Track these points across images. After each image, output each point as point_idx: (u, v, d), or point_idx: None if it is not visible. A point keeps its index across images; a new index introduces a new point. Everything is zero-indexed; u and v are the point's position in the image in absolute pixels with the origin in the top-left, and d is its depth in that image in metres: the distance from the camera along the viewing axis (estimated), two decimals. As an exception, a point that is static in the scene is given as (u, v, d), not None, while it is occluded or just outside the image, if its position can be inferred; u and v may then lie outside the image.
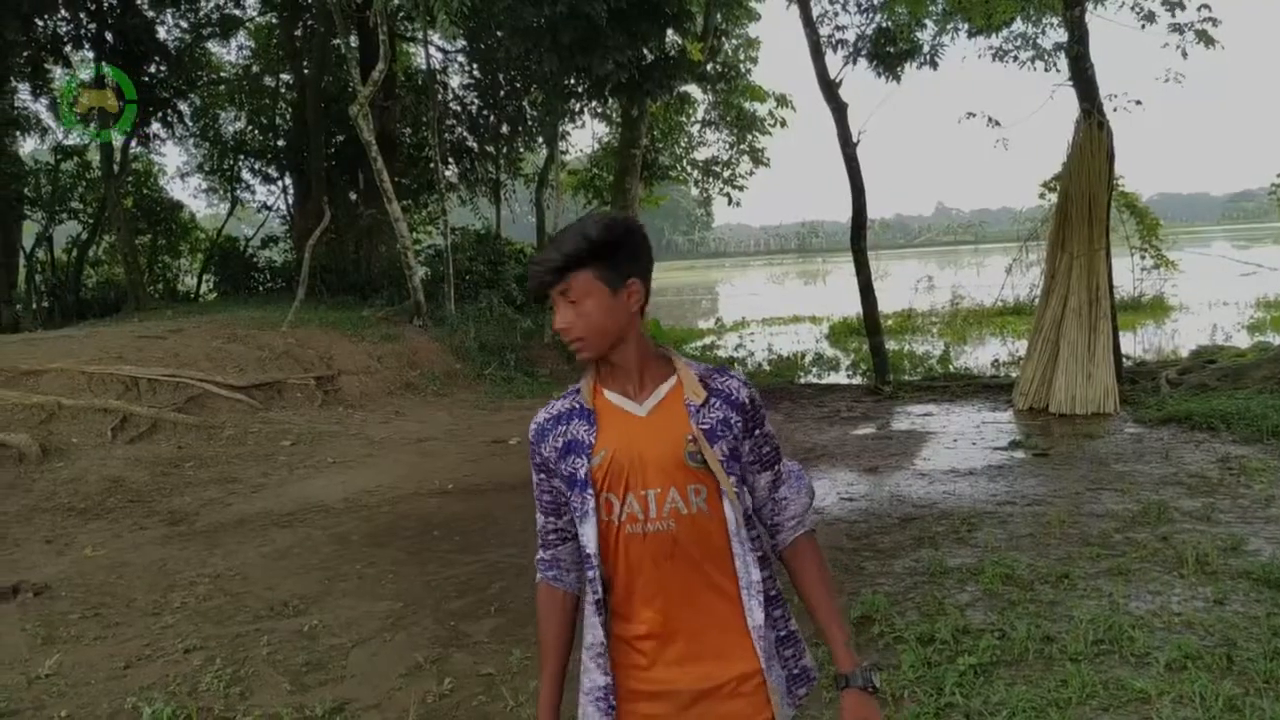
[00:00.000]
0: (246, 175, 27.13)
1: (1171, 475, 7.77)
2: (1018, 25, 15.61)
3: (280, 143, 25.96)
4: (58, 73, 23.95)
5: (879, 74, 16.61)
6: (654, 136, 24.70)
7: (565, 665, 2.17)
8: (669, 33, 18.31)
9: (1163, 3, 11.94)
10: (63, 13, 20.81)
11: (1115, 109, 12.06)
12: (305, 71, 23.45)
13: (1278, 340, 16.02)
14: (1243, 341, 16.37)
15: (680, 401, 2.02)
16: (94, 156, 24.66)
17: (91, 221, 25.63)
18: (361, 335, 15.14)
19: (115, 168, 22.29)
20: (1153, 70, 12.42)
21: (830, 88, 13.92)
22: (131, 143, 24.30)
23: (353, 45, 19.07)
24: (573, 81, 18.08)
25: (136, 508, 8.45)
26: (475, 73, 23.98)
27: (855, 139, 13.82)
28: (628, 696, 2.05)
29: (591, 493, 2.01)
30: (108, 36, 21.10)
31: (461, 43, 23.11)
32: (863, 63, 16.35)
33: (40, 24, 20.56)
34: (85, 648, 5.17)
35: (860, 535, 6.63)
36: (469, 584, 6.02)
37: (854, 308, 17.09)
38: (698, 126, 26.61)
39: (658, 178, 26.00)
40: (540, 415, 2.12)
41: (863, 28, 16.24)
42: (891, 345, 16.69)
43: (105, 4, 21.07)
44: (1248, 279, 24.49)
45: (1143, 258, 24.99)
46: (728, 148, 26.71)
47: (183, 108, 24.83)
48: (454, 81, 25.31)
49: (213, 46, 25.98)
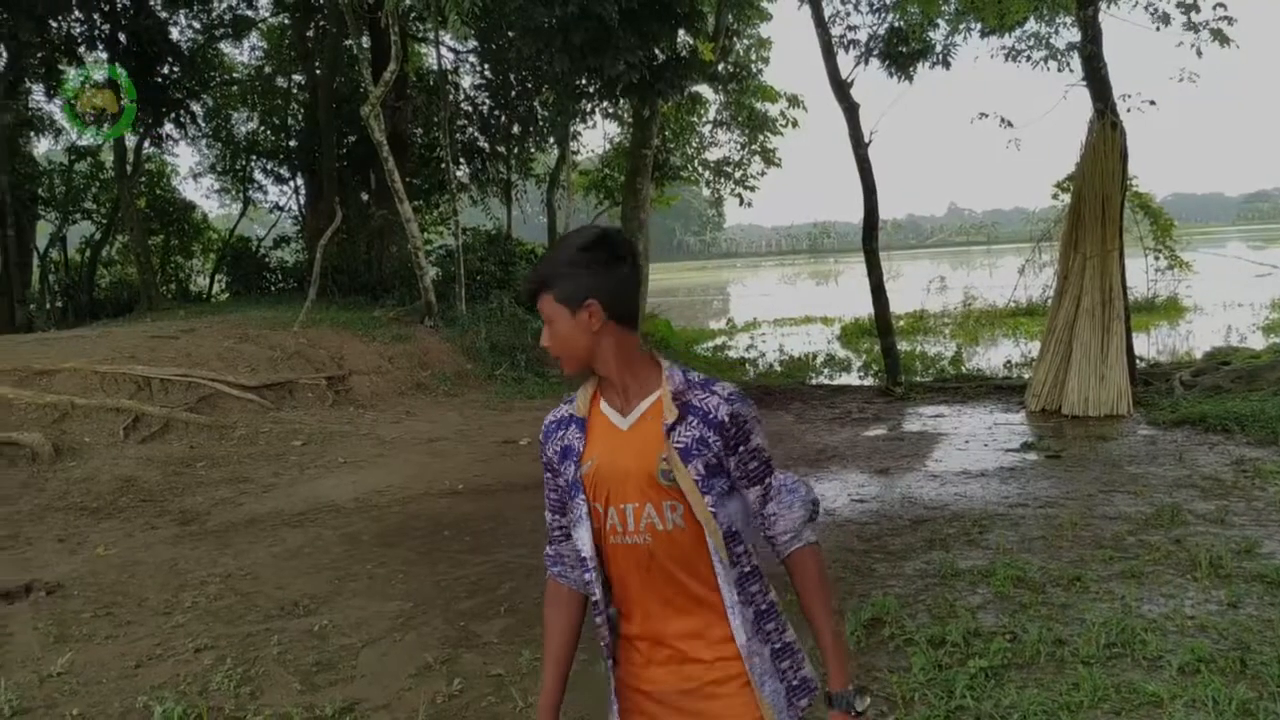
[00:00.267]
0: (259, 176, 27.20)
1: (1185, 478, 7.73)
2: (1031, 25, 15.53)
3: (292, 143, 26.02)
4: (71, 74, 24.08)
5: (891, 74, 16.58)
6: (665, 137, 24.67)
7: (568, 663, 2.19)
8: (680, 33, 18.27)
9: (1177, 5, 11.89)
10: (77, 14, 20.90)
11: (1129, 109, 12.03)
12: (317, 72, 23.50)
13: (1292, 342, 15.92)
14: (1258, 343, 16.28)
15: (660, 417, 2.02)
16: (107, 157, 24.77)
17: (105, 222, 25.75)
18: (373, 335, 15.17)
19: (128, 168, 22.41)
20: (1167, 70, 12.36)
21: (842, 88, 13.89)
22: (144, 143, 24.43)
23: (364, 46, 19.11)
24: (584, 82, 18.06)
25: (148, 507, 8.48)
26: (487, 73, 24.00)
27: (867, 139, 13.79)
28: (631, 693, 2.10)
29: (583, 499, 2.06)
30: (121, 37, 21.19)
31: (473, 43, 23.16)
32: (875, 63, 16.33)
33: (54, 25, 20.64)
34: (97, 646, 5.18)
35: (871, 537, 6.61)
36: (479, 584, 6.02)
37: (866, 308, 17.05)
38: (709, 127, 26.60)
39: (669, 178, 25.97)
40: (549, 416, 2.17)
41: (875, 27, 16.22)
42: (903, 346, 16.65)
43: (119, 5, 21.16)
44: (1263, 280, 24.33)
45: (1157, 259, 24.89)
46: (739, 148, 26.68)
47: (195, 108, 24.90)
48: (465, 82, 25.39)
49: (225, 47, 26.12)
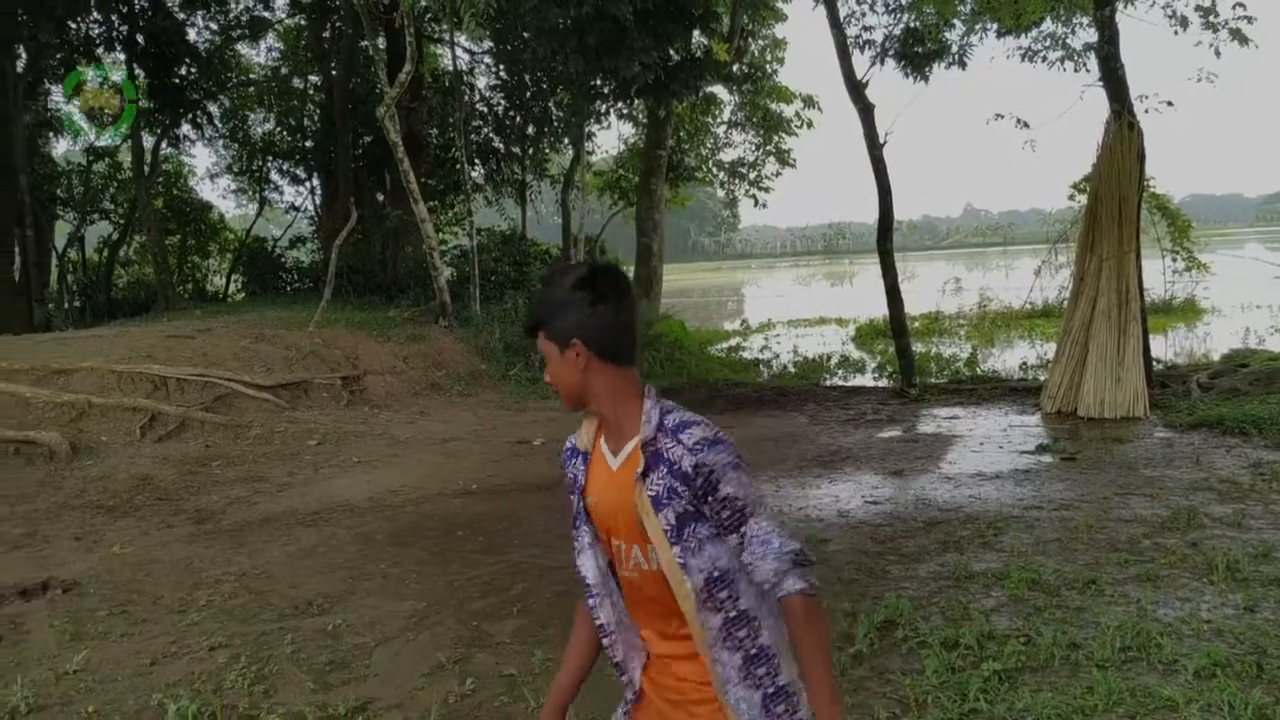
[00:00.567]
0: (275, 176, 27.34)
1: (1202, 480, 7.68)
2: (1047, 25, 15.46)
3: (308, 144, 26.13)
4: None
5: (906, 74, 16.53)
6: (680, 138, 24.68)
7: (581, 672, 2.26)
8: (695, 33, 18.28)
9: (1196, 8, 11.82)
10: (95, 15, 21.06)
11: (1146, 110, 11.96)
12: (333, 73, 23.61)
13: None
14: (1276, 345, 16.15)
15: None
16: (125, 158, 24.93)
17: (122, 222, 25.91)
18: (387, 335, 15.22)
19: (146, 169, 22.54)
20: (1185, 70, 12.29)
21: (857, 88, 13.85)
22: (162, 144, 24.58)
23: (380, 47, 19.17)
24: (599, 82, 18.08)
25: (164, 506, 8.52)
26: (502, 74, 24.05)
27: (882, 140, 13.74)
28: (653, 700, 2.16)
29: (588, 529, 2.12)
30: (139, 39, 21.35)
31: (488, 44, 23.18)
32: (890, 63, 16.28)
33: (73, 26, 20.80)
34: (112, 644, 5.21)
35: (885, 539, 6.59)
36: (492, 584, 6.02)
37: (881, 310, 17.00)
38: (724, 128, 26.61)
39: (683, 179, 25.98)
40: (566, 442, 2.21)
41: (890, 28, 16.18)
42: (918, 347, 16.58)
43: (137, 6, 21.31)
44: (1282, 281, 24.19)
45: (1174, 260, 24.75)
46: (754, 149, 26.68)
47: (212, 109, 25.08)
48: (480, 83, 25.45)
49: (242, 48, 26.27)
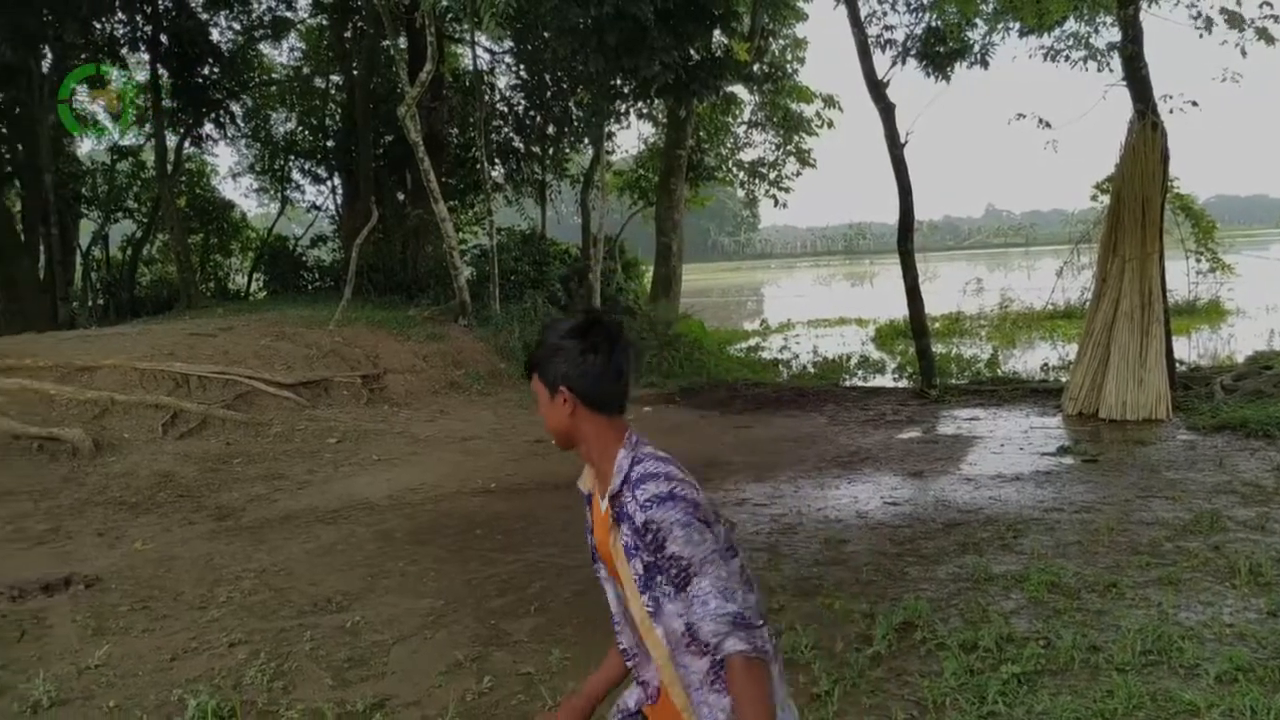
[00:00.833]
0: (296, 175, 27.47)
1: (1225, 483, 7.62)
2: (1070, 24, 15.35)
3: (329, 143, 26.25)
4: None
5: (928, 74, 16.47)
6: (700, 137, 24.66)
7: (611, 680, 2.37)
8: (716, 33, 18.27)
9: (1221, 10, 11.71)
10: (120, 16, 21.21)
11: (1170, 110, 11.89)
12: (354, 73, 23.69)
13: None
14: (1301, 347, 16.00)
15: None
16: (149, 157, 25.08)
17: (146, 220, 26.07)
18: (407, 334, 15.26)
19: (169, 168, 22.68)
20: (1210, 69, 12.20)
21: (878, 88, 13.81)
22: (185, 143, 24.74)
23: (401, 47, 19.22)
24: (619, 82, 18.08)
25: (185, 502, 8.58)
26: (522, 73, 24.07)
27: (903, 139, 13.70)
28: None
29: (600, 564, 2.24)
30: (163, 39, 21.48)
31: (508, 44, 23.22)
32: (911, 62, 16.21)
33: (98, 27, 20.95)
34: (134, 639, 5.25)
35: (904, 540, 6.57)
36: (510, 583, 6.04)
37: (901, 310, 16.94)
38: (744, 127, 26.57)
39: (703, 179, 25.96)
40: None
41: (911, 27, 16.12)
42: (939, 348, 16.53)
43: (160, 7, 21.44)
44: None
45: (1198, 261, 24.59)
46: (774, 149, 26.64)
47: (235, 109, 25.20)
48: (501, 82, 25.46)
49: (265, 48, 26.36)
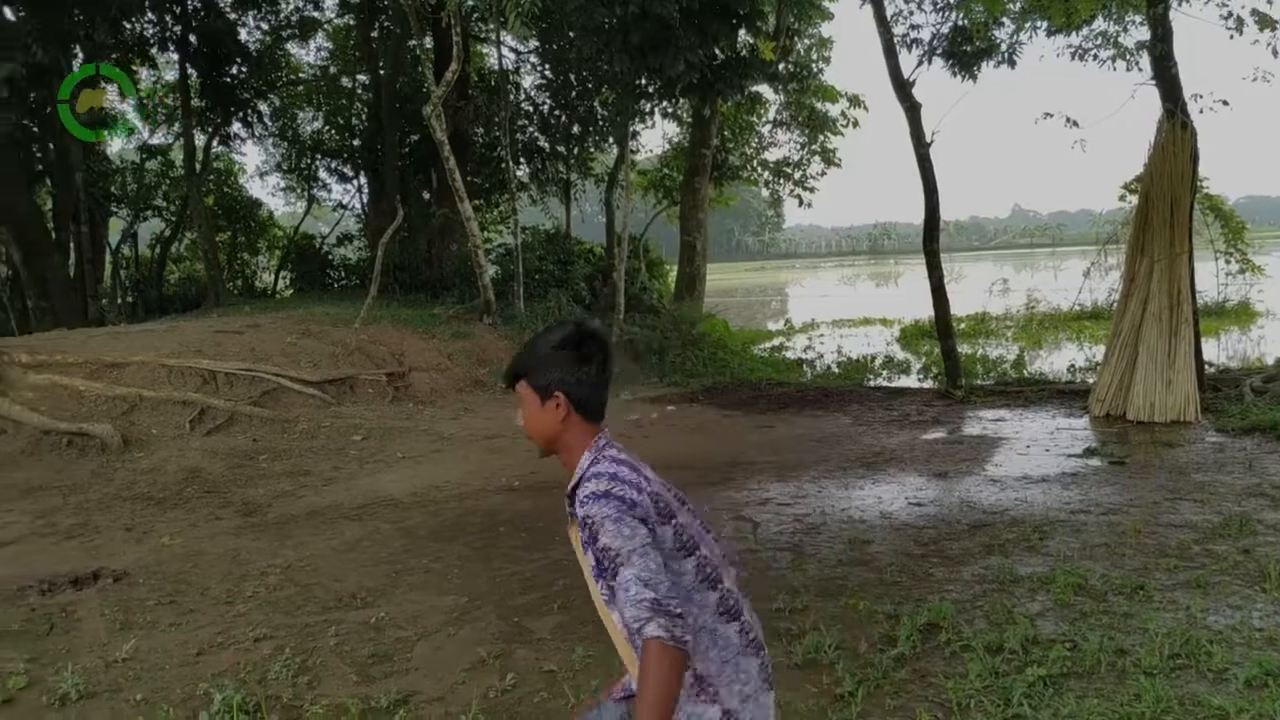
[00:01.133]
0: (323, 174, 27.67)
1: (1254, 486, 7.54)
2: (1099, 23, 15.25)
3: (356, 142, 26.41)
4: (144, 74, 24.65)
5: (954, 73, 16.38)
6: (724, 137, 24.64)
7: None
8: (741, 32, 18.22)
9: (1253, 13, 11.59)
10: (149, 16, 21.40)
11: (1200, 109, 11.79)
12: (381, 72, 23.83)
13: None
14: (1332, 349, 15.82)
15: None
16: (177, 156, 25.32)
17: (174, 219, 26.31)
18: (432, 333, 15.33)
19: (197, 166, 22.86)
20: (1241, 68, 12.08)
21: (903, 87, 13.74)
22: (213, 142, 24.95)
23: (427, 46, 19.30)
24: (644, 81, 18.09)
25: (212, 498, 8.65)
26: (547, 73, 24.13)
27: (929, 139, 13.63)
28: None
29: None
30: (192, 39, 21.67)
31: (533, 43, 23.27)
32: (937, 62, 16.13)
33: (128, 27, 21.15)
34: (161, 634, 5.30)
35: (928, 541, 6.53)
36: (533, 581, 6.05)
37: (926, 310, 16.85)
38: (769, 127, 26.54)
39: (728, 178, 25.95)
40: None
41: (938, 26, 16.05)
42: (964, 349, 16.43)
43: (189, 7, 21.62)
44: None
45: (1227, 262, 24.35)
46: (799, 148, 26.58)
47: (262, 108, 25.40)
48: (526, 82, 25.56)
49: (292, 48, 26.59)
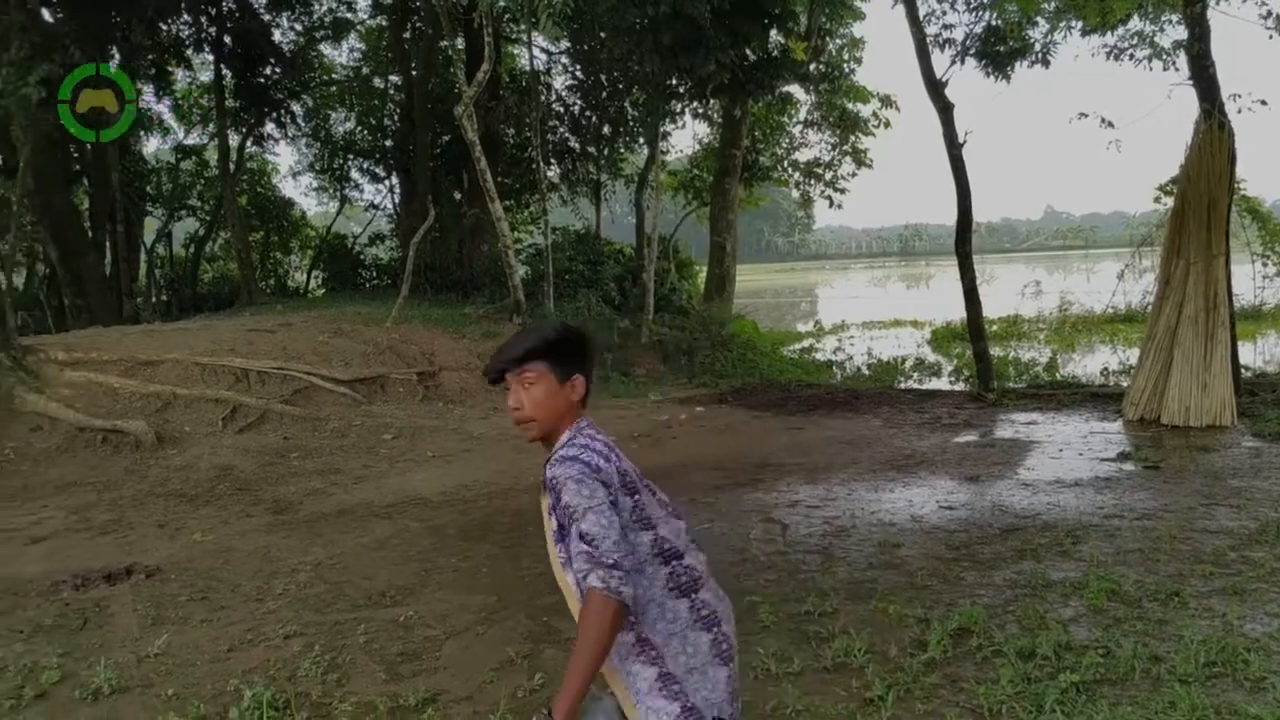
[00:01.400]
0: (355, 174, 27.83)
1: (1293, 492, 7.42)
2: (1134, 23, 15.07)
3: (388, 143, 26.56)
4: (179, 75, 24.90)
5: (988, 73, 16.25)
6: (755, 137, 24.57)
7: None
8: (772, 32, 18.17)
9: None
10: (185, 17, 21.63)
11: (1239, 109, 11.64)
12: (413, 73, 23.94)
13: None
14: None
15: None
16: (212, 156, 25.55)
17: (208, 218, 26.56)
18: (463, 332, 15.38)
19: (231, 166, 23.06)
20: (1280, 68, 11.90)
21: (936, 87, 13.65)
22: (247, 142, 25.17)
23: (459, 47, 19.36)
24: (674, 82, 18.07)
25: (244, 495, 8.72)
26: (578, 74, 24.18)
27: (962, 140, 13.53)
28: None
29: None
30: (226, 40, 21.87)
31: (565, 44, 23.34)
32: (970, 62, 16.01)
33: (164, 28, 21.38)
34: (192, 630, 5.34)
35: (959, 545, 6.48)
36: (561, 581, 6.03)
37: (957, 313, 16.74)
38: (799, 127, 26.42)
39: (758, 179, 25.86)
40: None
41: (971, 26, 15.92)
42: (996, 351, 16.30)
43: (224, 8, 21.83)
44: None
45: (1265, 264, 24.02)
46: (830, 149, 26.46)
47: (295, 108, 25.59)
48: (557, 82, 25.59)
49: (325, 49, 26.77)
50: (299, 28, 24.88)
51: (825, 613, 5.21)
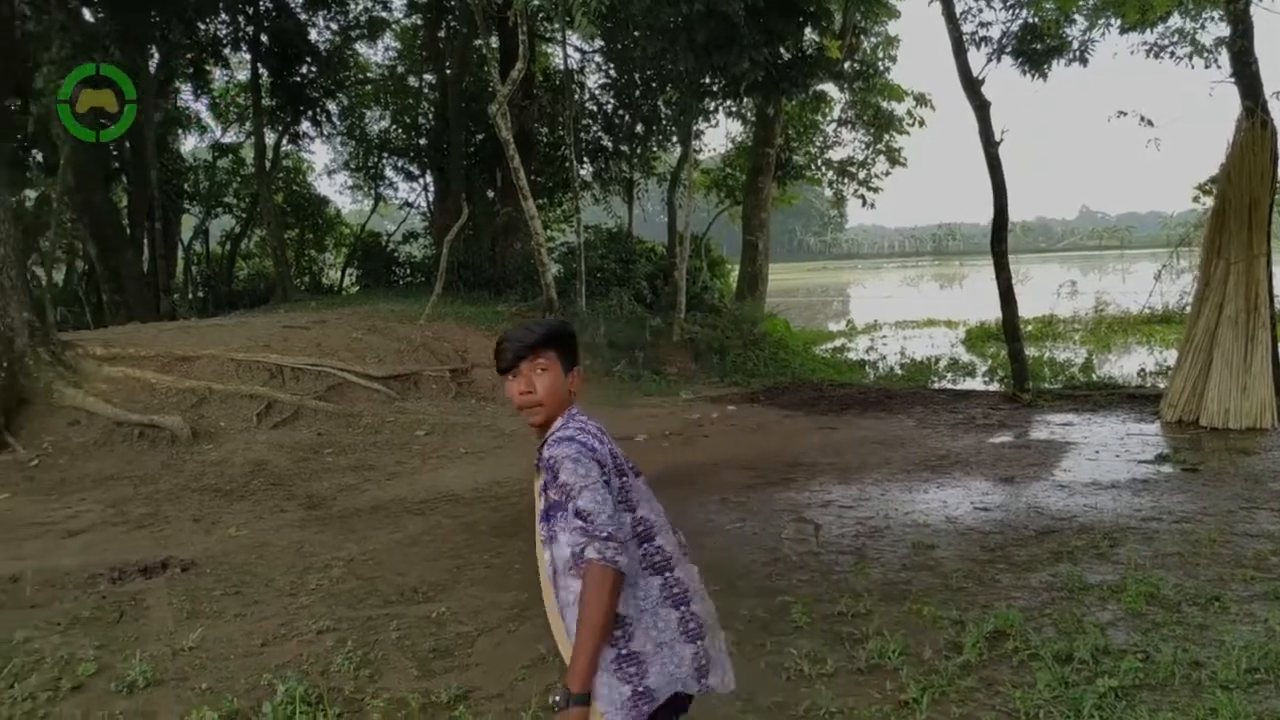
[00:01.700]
0: (389, 173, 28.03)
1: (1336, 496, 7.29)
2: (1175, 20, 14.86)
3: (422, 141, 26.70)
4: (217, 74, 25.16)
5: (1024, 72, 16.07)
6: (788, 136, 24.49)
7: None
8: (807, 30, 18.09)
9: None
10: (223, 16, 21.85)
11: (1284, 107, 11.42)
12: (447, 71, 24.05)
13: None
14: None
15: None
16: (248, 154, 25.80)
17: (244, 216, 26.84)
18: (495, 330, 15.38)
19: (267, 165, 23.28)
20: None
21: (973, 85, 13.53)
22: (283, 141, 25.38)
23: (493, 46, 19.43)
24: (708, 80, 18.04)
25: (277, 491, 8.78)
26: (612, 72, 24.19)
27: (998, 138, 13.41)
28: None
29: None
30: (263, 39, 22.07)
31: (599, 43, 23.32)
32: (1007, 60, 15.83)
33: (202, 27, 21.61)
34: (226, 624, 5.38)
35: (995, 547, 6.41)
36: (593, 579, 6.02)
37: (991, 312, 16.61)
38: (833, 125, 26.30)
39: (791, 177, 25.77)
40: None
41: (1008, 24, 15.72)
42: (1031, 352, 16.15)
43: (261, 8, 22.02)
44: None
45: (1307, 266, 23.63)
46: (863, 147, 26.32)
47: (331, 107, 25.79)
48: (591, 81, 25.63)
49: (360, 48, 26.96)
50: (335, 27, 25.09)
51: (859, 614, 5.17)
